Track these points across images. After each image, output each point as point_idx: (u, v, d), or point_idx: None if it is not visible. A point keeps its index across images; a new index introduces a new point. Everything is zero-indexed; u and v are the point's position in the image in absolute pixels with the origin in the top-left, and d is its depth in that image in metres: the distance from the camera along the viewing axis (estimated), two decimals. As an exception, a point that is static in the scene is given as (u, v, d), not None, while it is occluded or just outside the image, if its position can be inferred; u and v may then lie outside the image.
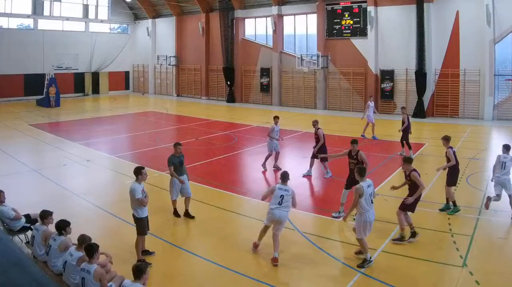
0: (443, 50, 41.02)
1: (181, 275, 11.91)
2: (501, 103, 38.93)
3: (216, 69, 58.07)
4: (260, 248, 12.96)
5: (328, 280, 11.55)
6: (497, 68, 38.67)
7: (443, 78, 41.22)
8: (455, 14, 40.12)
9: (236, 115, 44.74)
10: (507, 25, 37.74)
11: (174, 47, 62.86)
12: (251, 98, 55.30)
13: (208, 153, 26.23)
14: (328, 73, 48.24)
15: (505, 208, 15.76)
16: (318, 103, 48.73)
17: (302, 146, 28.14)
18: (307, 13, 49.80)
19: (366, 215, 11.64)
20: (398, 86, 43.63)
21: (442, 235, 13.63)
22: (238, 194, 18.67)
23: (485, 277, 11.11)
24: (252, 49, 54.83)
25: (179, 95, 63.39)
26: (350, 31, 46.51)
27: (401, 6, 42.72)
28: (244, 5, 55.08)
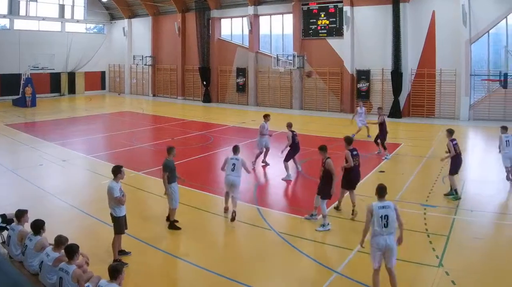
0: (419, 50, 39.92)
1: (157, 275, 11.53)
2: (477, 104, 37.86)
3: (192, 69, 56.41)
4: (234, 248, 13.11)
5: (305, 280, 11.25)
6: (473, 68, 37.64)
7: (419, 78, 40.12)
8: (431, 14, 39.05)
9: (212, 115, 43.72)
10: (483, 25, 36.78)
11: (150, 47, 61.04)
12: (227, 98, 53.69)
13: (184, 153, 25.17)
14: (304, 73, 46.86)
15: (481, 208, 15.80)
16: (294, 103, 47.43)
17: (278, 146, 26.21)
18: (283, 13, 48.44)
19: (374, 240, 9.96)
20: (374, 86, 42.50)
21: (418, 235, 13.36)
22: (214, 193, 18.18)
23: (461, 277, 10.89)
24: (228, 49, 53.25)
25: (155, 95, 61.60)
26: (326, 31, 45.19)
27: (377, 6, 41.55)
28: (220, 5, 53.50)
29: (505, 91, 34.66)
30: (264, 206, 16.47)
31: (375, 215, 9.89)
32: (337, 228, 14.27)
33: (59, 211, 16.11)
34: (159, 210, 15.62)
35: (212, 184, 19.84)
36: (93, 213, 15.55)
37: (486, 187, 18.95)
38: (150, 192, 18.29)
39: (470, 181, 19.69)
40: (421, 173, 21.36)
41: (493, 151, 24.35)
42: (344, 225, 14.66)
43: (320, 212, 14.53)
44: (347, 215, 15.24)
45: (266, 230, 14.05)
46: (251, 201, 17.11)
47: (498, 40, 37.05)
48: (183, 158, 23.63)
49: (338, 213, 15.63)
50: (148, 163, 23.08)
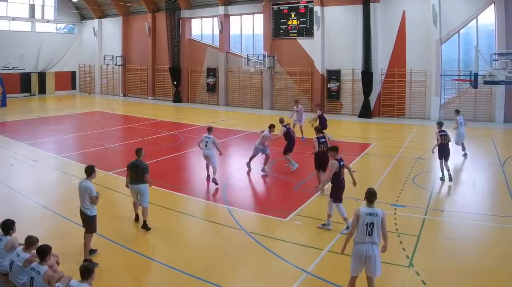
0: (389, 50, 38.68)
1: (128, 275, 11.22)
2: (448, 103, 36.62)
3: (162, 69, 54.42)
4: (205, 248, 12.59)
5: (275, 280, 10.84)
6: (443, 68, 36.54)
7: (389, 78, 38.88)
8: (402, 14, 37.86)
9: (182, 115, 42.33)
10: (454, 25, 35.75)
11: (120, 47, 58.83)
12: (197, 98, 51.88)
13: (155, 153, 24.30)
14: (274, 73, 45.36)
15: (452, 208, 15.68)
16: (265, 103, 45.85)
17: (248, 146, 25.53)
18: (253, 13, 46.75)
19: (356, 247, 9.24)
20: (345, 86, 41.04)
21: (388, 235, 11.29)
22: (185, 193, 17.70)
23: (432, 277, 10.66)
24: (198, 49, 51.38)
25: (125, 95, 59.49)
26: (296, 31, 43.68)
27: (347, 6, 40.18)
28: (191, 5, 51.59)
29: (475, 91, 33.67)
30: (234, 206, 15.87)
31: (361, 221, 9.17)
32: (307, 228, 13.85)
33: (30, 211, 15.56)
34: (129, 210, 14.99)
35: (183, 184, 19.34)
36: (64, 213, 15.02)
37: (456, 187, 18.50)
38: (120, 191, 17.32)
39: (440, 181, 19.03)
40: (391, 173, 20.70)
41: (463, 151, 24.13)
42: (315, 225, 14.01)
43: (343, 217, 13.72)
44: (318, 215, 14.62)
45: (237, 230, 13.67)
46: (221, 201, 16.62)
47: (469, 40, 36.01)
48: (154, 158, 22.79)
49: (308, 213, 15.06)
50: (118, 163, 21.85)
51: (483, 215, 14.95)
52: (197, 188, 18.79)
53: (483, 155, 24.71)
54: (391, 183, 19.12)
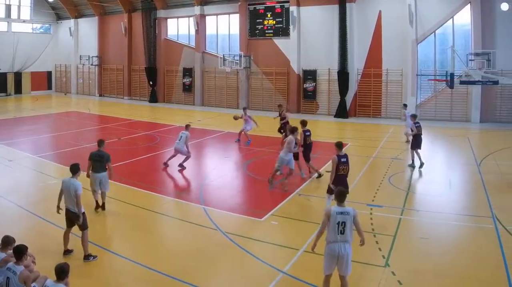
0: (365, 50, 37.44)
1: (103, 275, 10.73)
2: (424, 103, 35.64)
3: (138, 69, 52.34)
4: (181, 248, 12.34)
5: (251, 280, 10.54)
6: (419, 68, 35.44)
7: (365, 78, 37.60)
8: (378, 14, 36.60)
9: (158, 115, 40.81)
10: (430, 25, 34.69)
11: (96, 47, 56.54)
12: (173, 98, 49.93)
13: (131, 153, 24.03)
14: (250, 73, 43.75)
15: (427, 208, 15.18)
16: (241, 103, 43.53)
17: (224, 147, 26.29)
18: (229, 13, 45.02)
19: (328, 247, 9.04)
20: (321, 86, 39.67)
21: (364, 235, 11.03)
22: (160, 193, 17.03)
23: (408, 276, 10.37)
24: (174, 49, 49.45)
25: (101, 95, 57.15)
26: (272, 31, 42.13)
27: (323, 6, 38.71)
28: (167, 5, 49.58)
29: (452, 91, 32.55)
30: (210, 206, 15.30)
31: (332, 220, 8.93)
32: (283, 228, 13.52)
33: (6, 211, 15.04)
34: (107, 210, 14.68)
35: (158, 183, 18.65)
36: (40, 212, 14.42)
37: (432, 187, 18.03)
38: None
39: (416, 180, 19.00)
40: (367, 173, 20.02)
41: (439, 151, 24.88)
42: (291, 225, 13.80)
43: None
44: (294, 215, 14.42)
45: (212, 230, 13.20)
46: (197, 201, 16.04)
47: (445, 40, 34.89)
48: (130, 158, 22.74)
49: (285, 213, 14.56)
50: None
51: (459, 215, 14.53)
52: (173, 188, 18.37)
53: (459, 155, 24.04)
54: (367, 183, 18.56)
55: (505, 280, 10.08)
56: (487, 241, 12.34)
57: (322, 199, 14.51)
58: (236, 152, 25.56)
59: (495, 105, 33.38)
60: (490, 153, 23.50)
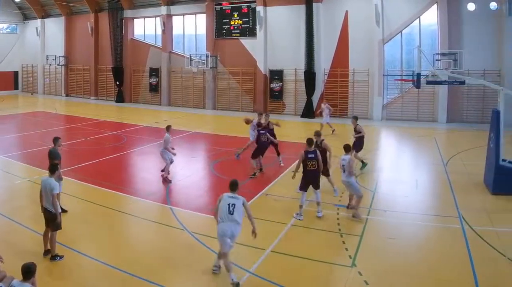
0: (332, 50, 35.32)
1: (69, 275, 10.12)
2: (390, 103, 33.82)
3: (105, 69, 49.07)
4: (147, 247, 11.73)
5: (218, 280, 9.98)
6: (386, 68, 33.55)
7: (332, 78, 35.49)
8: (344, 14, 34.53)
9: (125, 115, 38.53)
10: (396, 25, 32.81)
11: (63, 47, 53.08)
12: (140, 98, 46.88)
13: (97, 153, 22.81)
14: (217, 73, 41.20)
15: (394, 208, 14.48)
16: (207, 104, 41.60)
17: (191, 147, 25.11)
18: (196, 13, 42.40)
19: (218, 227, 9.77)
20: (287, 86, 37.48)
21: (331, 235, 12.26)
22: (127, 193, 16.16)
23: (374, 277, 9.87)
24: (141, 49, 46.43)
25: (68, 95, 53.71)
26: (239, 31, 39.72)
27: (290, 6, 36.55)
28: (133, 5, 46.48)
29: (418, 91, 30.37)
30: (177, 206, 14.64)
31: (223, 202, 9.75)
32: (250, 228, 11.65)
33: None
34: (72, 210, 13.82)
35: (126, 183, 17.66)
36: (6, 212, 13.69)
37: (399, 187, 17.14)
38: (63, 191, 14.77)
39: (383, 181, 18.04)
40: (334, 173, 18.07)
41: (406, 151, 24.31)
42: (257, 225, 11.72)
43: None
44: (261, 215, 13.16)
45: (179, 230, 12.65)
46: (164, 201, 15.37)
47: (411, 40, 33.16)
48: (96, 157, 21.62)
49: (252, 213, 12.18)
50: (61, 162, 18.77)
51: (425, 215, 13.90)
52: (140, 188, 17.21)
53: (426, 155, 22.96)
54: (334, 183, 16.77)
55: (471, 280, 9.62)
56: (454, 241, 11.80)
57: (289, 199, 14.15)
58: (203, 152, 24.67)
59: (462, 105, 31.80)
60: (457, 153, 22.46)
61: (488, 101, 30.25)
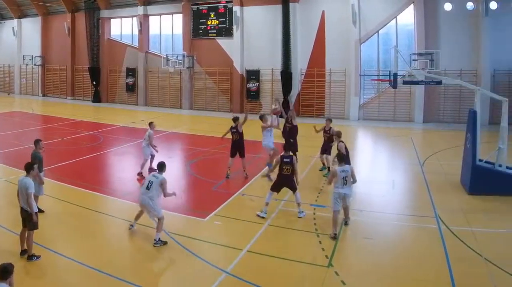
0: (309, 50, 33.78)
1: (46, 275, 9.66)
2: (367, 104, 32.37)
3: (82, 69, 46.57)
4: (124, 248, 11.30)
5: (193, 280, 9.55)
6: (363, 68, 32.16)
7: (309, 78, 33.93)
8: (321, 14, 33.01)
9: (102, 115, 36.92)
10: (373, 25, 31.40)
11: (40, 47, 50.50)
12: (116, 98, 44.60)
13: (74, 153, 21.88)
14: (193, 73, 39.28)
15: (371, 208, 13.92)
16: (184, 104, 39.71)
17: (168, 147, 23.62)
18: (172, 13, 40.38)
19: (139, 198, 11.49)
20: (264, 86, 35.78)
21: (307, 235, 11.72)
22: (103, 193, 15.55)
23: (351, 277, 9.44)
24: (118, 49, 44.18)
25: (45, 95, 51.14)
26: (215, 31, 37.88)
27: (266, 6, 34.88)
28: (110, 5, 44.21)
29: (395, 91, 29.04)
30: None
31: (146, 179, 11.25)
32: (226, 228, 12.54)
33: None
34: (48, 210, 13.20)
35: (102, 183, 16.94)
36: None
37: (376, 186, 16.42)
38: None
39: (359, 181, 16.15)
40: (310, 173, 18.36)
41: (382, 151, 23.69)
42: (234, 225, 12.71)
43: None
44: (237, 215, 13.20)
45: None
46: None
47: (388, 40, 31.83)
48: (73, 157, 20.72)
49: (228, 213, 13.48)
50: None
51: (402, 215, 13.50)
52: (117, 188, 16.48)
53: (403, 155, 22.18)
54: (310, 183, 16.72)
55: (448, 280, 9.27)
56: (431, 241, 11.40)
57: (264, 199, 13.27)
58: (180, 152, 23.72)
59: (438, 105, 30.53)
60: (433, 153, 21.68)
61: (465, 101, 29.10)
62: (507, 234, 11.86)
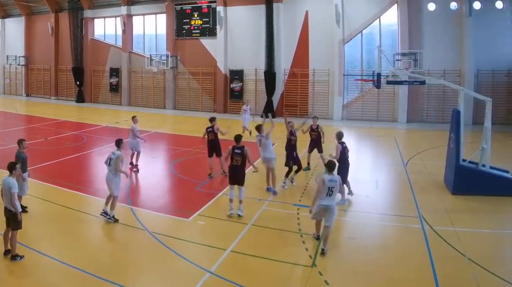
0: (292, 50, 32.73)
1: (29, 275, 9.37)
2: (350, 103, 31.34)
3: (65, 69, 45.07)
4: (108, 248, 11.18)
5: (178, 280, 9.30)
6: (346, 68, 31.13)
7: (292, 78, 32.91)
8: (305, 14, 31.93)
9: (85, 116, 35.69)
10: (357, 25, 30.43)
11: (23, 47, 48.89)
12: (100, 98, 43.19)
13: (58, 153, 21.41)
14: (177, 73, 38.08)
15: (355, 208, 13.67)
16: (168, 103, 38.46)
17: (151, 146, 22.85)
18: (156, 13, 39.12)
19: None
20: (248, 86, 34.65)
21: (291, 235, 11.47)
22: (88, 193, 15.08)
23: (335, 277, 9.28)
24: (101, 49, 42.75)
25: (28, 95, 49.57)
26: (199, 31, 36.68)
27: (250, 6, 33.74)
28: (93, 5, 42.68)
29: (379, 91, 28.31)
30: (137, 206, 13.70)
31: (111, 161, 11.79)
32: (210, 228, 12.11)
33: None
34: (32, 210, 12.87)
35: (86, 183, 16.38)
36: None
37: (360, 186, 15.68)
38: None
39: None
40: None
41: (366, 151, 23.09)
42: (217, 225, 12.28)
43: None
44: (221, 215, 12.75)
45: (140, 230, 11.75)
46: (124, 201, 14.01)
47: (372, 40, 30.83)
48: (57, 157, 20.25)
49: (211, 213, 13.09)
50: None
51: (386, 215, 13.11)
52: (100, 188, 15.52)
53: (386, 155, 21.68)
54: (294, 182, 16.12)
55: (432, 280, 9.03)
56: (414, 241, 11.15)
57: (249, 199, 13.21)
58: (163, 152, 23.14)
59: (422, 105, 29.62)
60: (417, 153, 21.26)
61: (448, 101, 28.24)
62: (490, 234, 11.60)
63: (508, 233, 12.04)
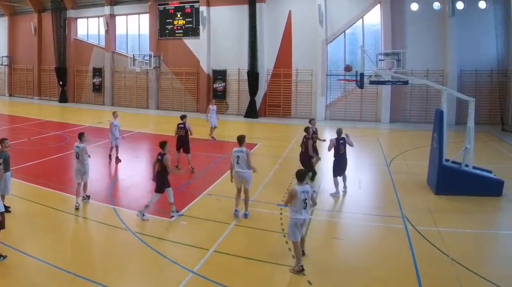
0: (275, 50, 31.51)
1: (12, 275, 9.13)
2: (333, 103, 30.13)
3: (48, 69, 43.32)
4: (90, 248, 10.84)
5: (161, 280, 9.02)
6: (329, 68, 29.93)
7: (275, 78, 31.68)
8: (288, 14, 30.70)
9: (68, 115, 34.48)
10: (340, 25, 29.22)
11: (6, 47, 46.96)
12: (83, 98, 41.48)
13: (41, 153, 20.87)
14: (160, 73, 36.63)
15: (338, 208, 13.57)
16: (151, 103, 36.95)
17: (133, 146, 22.69)
18: (139, 13, 37.55)
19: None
20: (231, 86, 33.38)
21: (274, 235, 11.18)
22: (71, 193, 14.15)
23: (318, 277, 8.93)
24: (84, 49, 41.03)
25: (11, 95, 47.63)
26: (182, 31, 35.31)
27: (233, 6, 32.44)
28: (77, 5, 40.92)
29: (362, 91, 27.27)
30: (120, 206, 13.32)
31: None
32: (193, 228, 11.89)
33: None
34: (15, 210, 12.57)
35: (69, 183, 15.41)
36: None
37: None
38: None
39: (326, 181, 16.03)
40: (277, 173, 17.64)
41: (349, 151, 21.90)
42: (200, 225, 12.04)
43: None
44: (203, 215, 12.53)
45: (122, 230, 11.49)
46: (106, 201, 13.81)
47: (355, 40, 29.64)
48: (40, 157, 19.77)
49: (194, 213, 12.84)
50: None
51: (369, 215, 12.68)
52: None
53: (369, 155, 21.08)
54: (277, 183, 16.02)
55: (415, 280, 8.80)
56: (398, 241, 10.82)
57: (232, 198, 12.83)
58: (146, 152, 22.41)
59: (405, 105, 28.46)
60: (400, 152, 20.82)
61: (431, 101, 27.12)
62: (473, 234, 11.36)
63: (491, 233, 11.75)
